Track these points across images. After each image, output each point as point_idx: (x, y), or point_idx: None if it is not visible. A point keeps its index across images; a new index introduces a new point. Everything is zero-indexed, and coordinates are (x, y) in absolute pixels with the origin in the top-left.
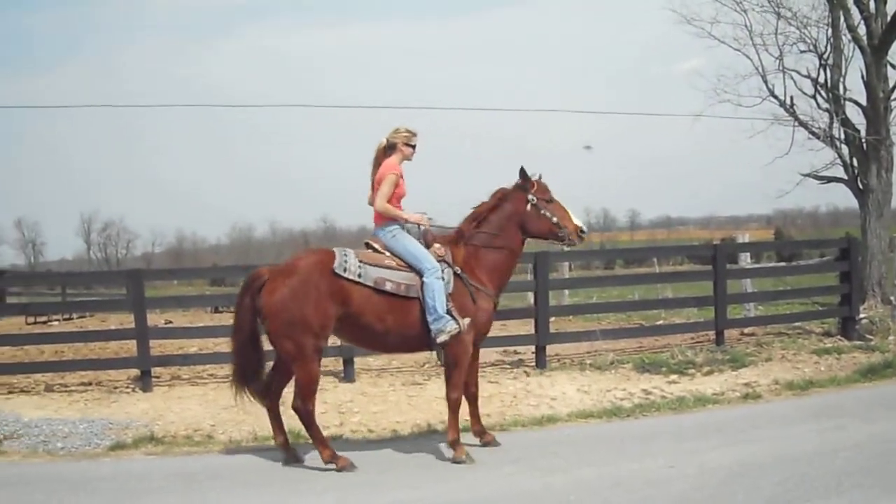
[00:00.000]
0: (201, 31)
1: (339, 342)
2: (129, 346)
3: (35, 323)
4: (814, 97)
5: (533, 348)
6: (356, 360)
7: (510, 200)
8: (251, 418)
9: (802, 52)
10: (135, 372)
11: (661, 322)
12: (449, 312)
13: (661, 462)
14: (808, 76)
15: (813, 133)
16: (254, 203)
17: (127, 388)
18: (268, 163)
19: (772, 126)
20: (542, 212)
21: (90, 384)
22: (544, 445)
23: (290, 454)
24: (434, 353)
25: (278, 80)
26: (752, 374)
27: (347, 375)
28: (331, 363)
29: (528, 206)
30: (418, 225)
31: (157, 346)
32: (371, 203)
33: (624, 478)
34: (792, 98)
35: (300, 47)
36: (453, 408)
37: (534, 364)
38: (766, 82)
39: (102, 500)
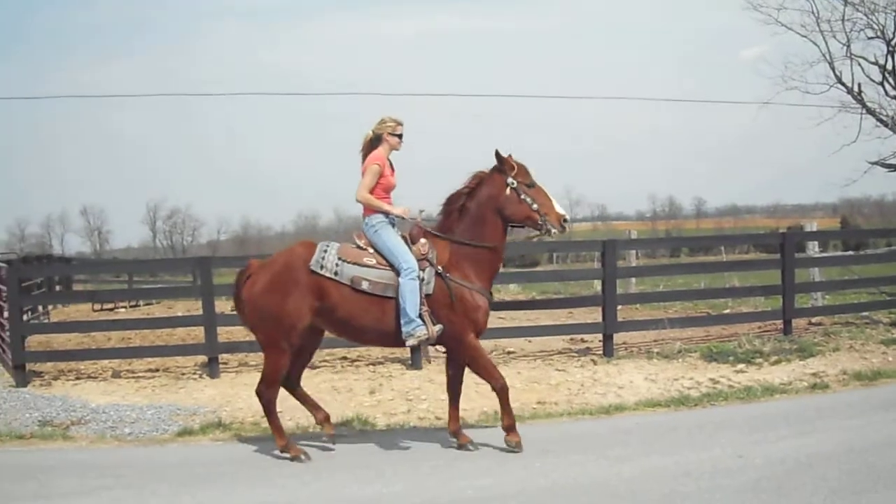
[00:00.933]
0: (279, 18)
1: None
2: (197, 333)
3: (102, 310)
4: (882, 84)
5: (600, 336)
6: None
7: (487, 184)
8: (320, 405)
9: (870, 38)
10: (202, 358)
11: (728, 311)
12: (421, 316)
13: (729, 452)
14: (876, 63)
15: (881, 121)
16: (320, 191)
17: (194, 374)
18: (336, 150)
19: (839, 113)
20: (522, 197)
21: (157, 370)
22: (612, 434)
23: (329, 431)
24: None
25: (357, 67)
26: (820, 364)
27: (415, 363)
28: (398, 351)
29: (508, 191)
30: (403, 218)
31: (225, 333)
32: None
33: (692, 467)
34: (860, 85)
35: (379, 36)
36: (501, 395)
37: (601, 352)
38: (833, 69)
39: (170, 486)
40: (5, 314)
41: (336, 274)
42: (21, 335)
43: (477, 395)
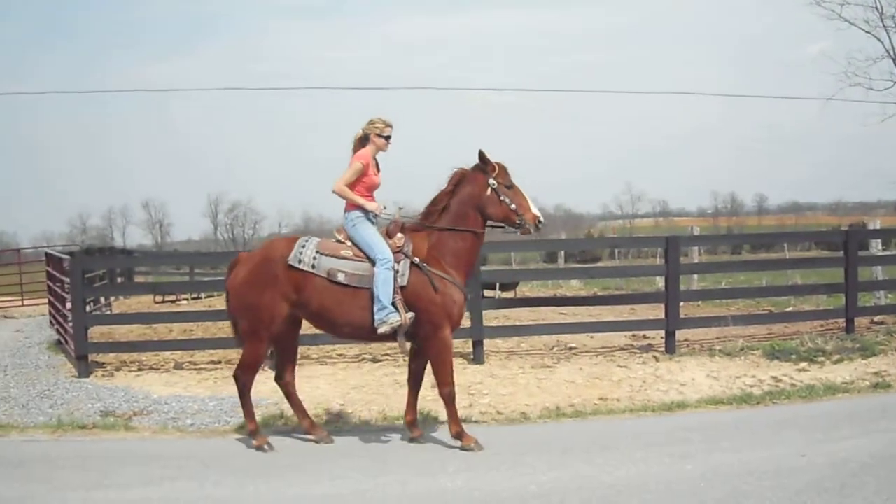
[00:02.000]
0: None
1: (468, 323)
2: None
3: (163, 302)
4: None
5: (662, 333)
6: (485, 342)
7: (469, 183)
8: (381, 398)
9: None
10: None
11: (790, 309)
12: (394, 304)
13: (792, 450)
14: None
15: None
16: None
17: None
18: (398, 143)
19: None
20: (502, 197)
21: (219, 363)
22: (675, 432)
23: (319, 434)
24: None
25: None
26: (883, 364)
27: (477, 357)
28: (460, 345)
29: (489, 191)
30: (377, 214)
31: None
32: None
33: (755, 465)
34: None
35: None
36: (448, 402)
37: (663, 349)
38: None
39: (233, 477)
40: (68, 305)
41: (313, 267)
42: (84, 326)
43: (539, 391)
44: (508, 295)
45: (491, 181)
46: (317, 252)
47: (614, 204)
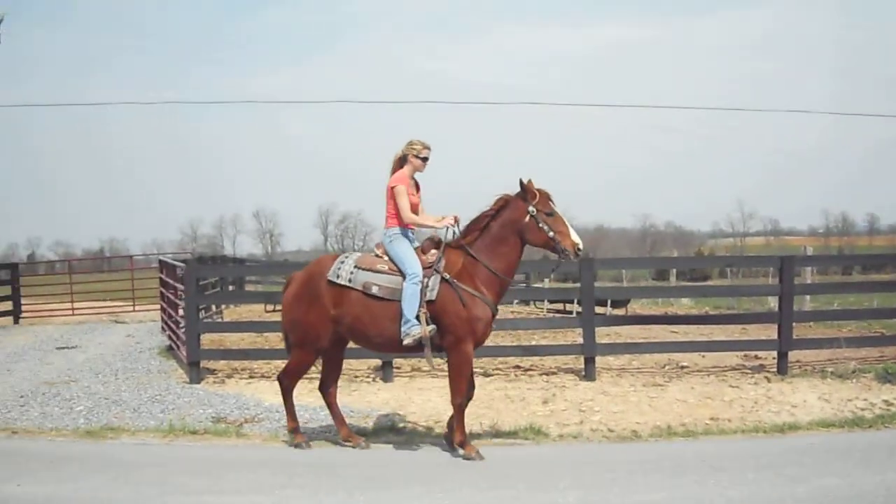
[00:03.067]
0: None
1: (580, 340)
2: None
3: (275, 311)
4: None
5: (774, 354)
6: (597, 359)
7: (510, 209)
8: (492, 412)
9: None
10: (376, 362)
11: None
12: (418, 317)
13: None
14: None
15: None
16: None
17: (367, 377)
18: (504, 154)
19: None
20: (541, 225)
21: None
22: (786, 453)
23: (356, 442)
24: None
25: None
26: None
27: (588, 374)
28: (571, 361)
29: (528, 218)
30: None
31: None
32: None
33: (866, 490)
34: None
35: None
36: (458, 411)
37: (775, 370)
38: None
39: (344, 486)
40: (181, 311)
41: (350, 281)
42: (197, 333)
43: (650, 410)
44: (619, 312)
45: (531, 208)
46: (355, 267)
47: (725, 222)
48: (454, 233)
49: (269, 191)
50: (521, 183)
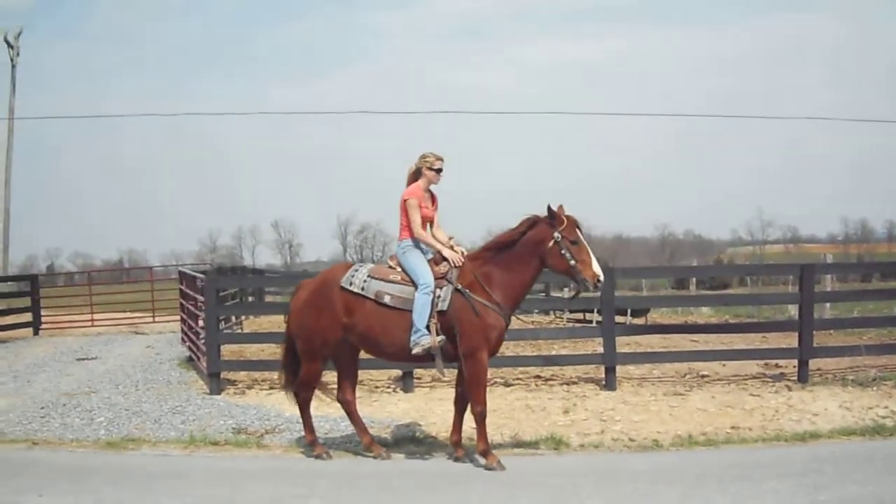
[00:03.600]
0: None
1: (600, 350)
2: None
3: None
4: None
5: (795, 362)
6: (617, 368)
7: (536, 231)
8: (512, 422)
9: None
10: (396, 372)
11: None
12: (428, 327)
13: None
14: None
15: None
16: (510, 207)
17: (388, 388)
18: (518, 165)
19: None
20: (563, 252)
21: None
22: (808, 462)
23: (378, 452)
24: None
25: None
26: None
27: (609, 383)
28: (592, 370)
29: (552, 243)
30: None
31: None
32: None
33: (888, 498)
34: None
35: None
36: (479, 420)
37: (795, 378)
38: None
39: (364, 496)
40: (200, 322)
41: (363, 290)
42: (217, 344)
43: (671, 419)
44: (639, 321)
45: (556, 234)
46: (368, 276)
47: (744, 230)
48: (423, 249)
49: (288, 201)
50: (549, 209)
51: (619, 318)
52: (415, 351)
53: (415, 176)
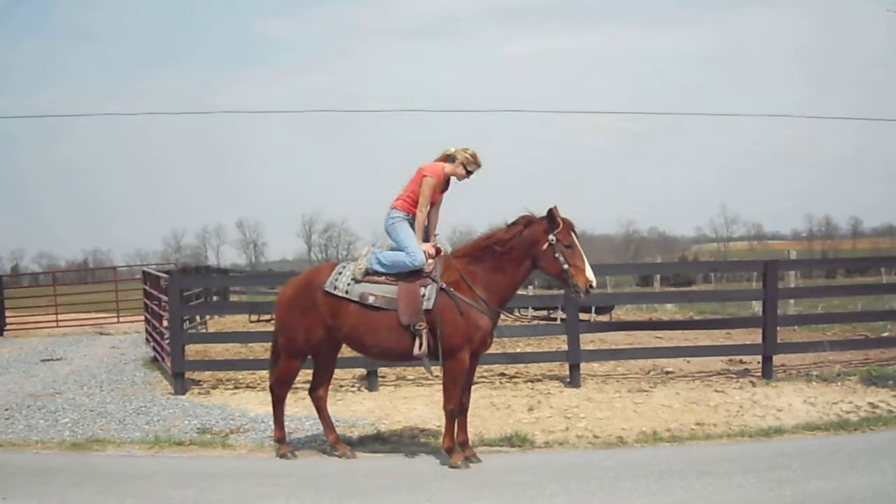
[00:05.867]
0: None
1: (565, 347)
2: None
3: (259, 321)
4: None
5: (759, 358)
6: (582, 365)
7: (530, 231)
8: (477, 420)
9: None
10: (360, 371)
11: (886, 334)
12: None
13: (891, 477)
14: None
15: None
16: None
17: (352, 387)
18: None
19: None
20: (557, 255)
21: None
22: (772, 457)
23: (343, 451)
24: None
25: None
26: None
27: (573, 381)
28: (556, 368)
29: (546, 245)
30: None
31: None
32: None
33: (852, 493)
34: None
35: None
36: (449, 418)
37: (760, 374)
38: None
39: (330, 497)
40: (165, 323)
41: (347, 292)
42: (181, 344)
43: (635, 415)
44: (604, 318)
45: (551, 237)
46: (352, 279)
47: (709, 227)
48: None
49: (253, 200)
50: (550, 212)
51: (583, 316)
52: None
53: (446, 158)
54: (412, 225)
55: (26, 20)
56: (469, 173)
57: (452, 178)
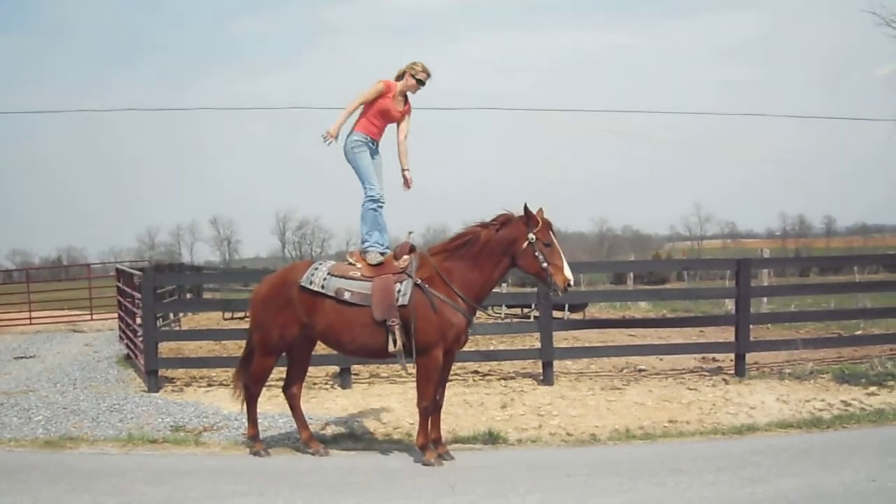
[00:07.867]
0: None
1: (538, 345)
2: None
3: (232, 318)
4: None
5: (732, 356)
6: (555, 363)
7: (509, 229)
8: (451, 418)
9: None
10: (334, 369)
11: (859, 332)
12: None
13: (862, 475)
14: None
15: None
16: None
17: (326, 384)
18: (458, 161)
19: None
20: (536, 253)
21: None
22: (745, 455)
23: (316, 448)
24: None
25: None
26: None
27: (546, 378)
28: (529, 365)
29: (525, 244)
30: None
31: None
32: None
33: (825, 490)
34: None
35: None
36: (423, 415)
37: (733, 372)
38: None
39: (304, 494)
40: (138, 320)
41: (323, 288)
42: (154, 341)
43: (608, 413)
44: (577, 316)
45: (530, 235)
46: (328, 274)
47: (682, 225)
48: (329, 143)
49: (227, 197)
50: (526, 209)
51: (556, 313)
52: (370, 259)
53: (397, 79)
54: (374, 154)
55: None
56: (420, 83)
57: (409, 94)
